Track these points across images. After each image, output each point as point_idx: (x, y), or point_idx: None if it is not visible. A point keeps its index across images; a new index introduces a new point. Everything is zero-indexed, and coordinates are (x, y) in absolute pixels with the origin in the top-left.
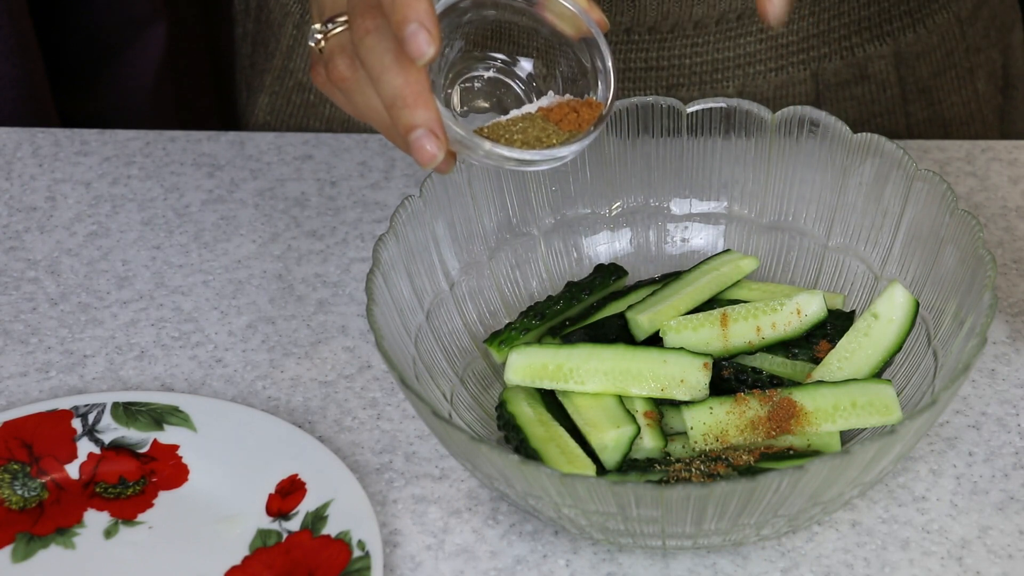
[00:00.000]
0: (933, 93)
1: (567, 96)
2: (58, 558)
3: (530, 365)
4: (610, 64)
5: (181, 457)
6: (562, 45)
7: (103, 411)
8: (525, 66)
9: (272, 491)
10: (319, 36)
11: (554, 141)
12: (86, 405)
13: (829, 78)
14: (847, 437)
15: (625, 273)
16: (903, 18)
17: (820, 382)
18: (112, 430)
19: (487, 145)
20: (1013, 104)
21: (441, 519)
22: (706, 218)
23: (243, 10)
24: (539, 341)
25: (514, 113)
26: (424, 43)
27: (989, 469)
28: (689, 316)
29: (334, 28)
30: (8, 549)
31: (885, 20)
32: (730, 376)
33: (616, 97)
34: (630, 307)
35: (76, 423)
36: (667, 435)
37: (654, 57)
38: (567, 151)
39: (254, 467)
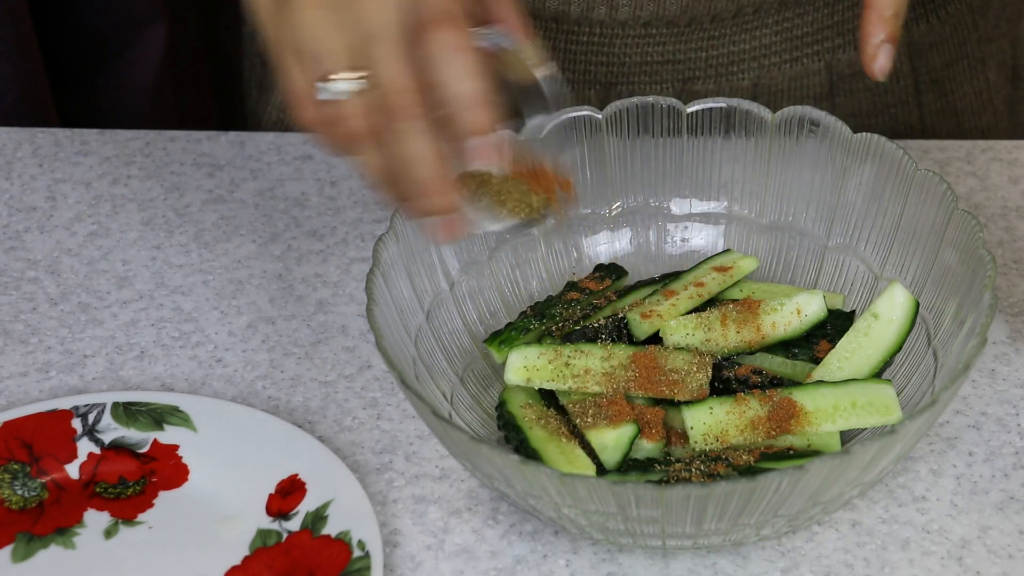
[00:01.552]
0: (946, 83)
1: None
2: (58, 558)
3: (530, 365)
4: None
5: (181, 457)
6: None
7: (103, 411)
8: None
9: (272, 491)
10: (341, 91)
11: (536, 207)
12: (86, 405)
13: (843, 69)
14: (847, 437)
15: (625, 273)
16: (916, 8)
17: (820, 382)
18: (112, 430)
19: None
20: (1021, 94)
21: (441, 519)
22: (706, 218)
23: None
24: (539, 341)
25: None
26: (492, 156)
27: (989, 469)
28: (689, 316)
29: (354, 86)
30: (8, 549)
31: None
32: (730, 376)
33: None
34: (630, 307)
35: (76, 423)
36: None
37: (670, 51)
38: (550, 221)
39: (254, 467)
